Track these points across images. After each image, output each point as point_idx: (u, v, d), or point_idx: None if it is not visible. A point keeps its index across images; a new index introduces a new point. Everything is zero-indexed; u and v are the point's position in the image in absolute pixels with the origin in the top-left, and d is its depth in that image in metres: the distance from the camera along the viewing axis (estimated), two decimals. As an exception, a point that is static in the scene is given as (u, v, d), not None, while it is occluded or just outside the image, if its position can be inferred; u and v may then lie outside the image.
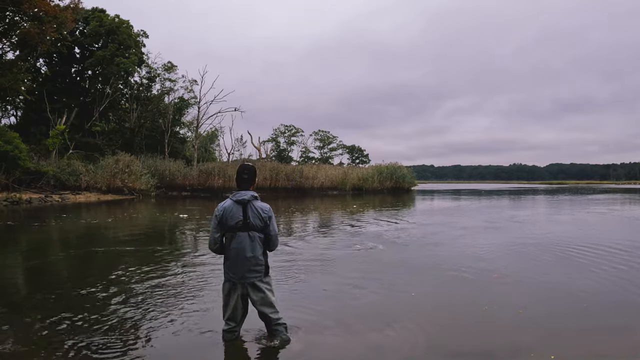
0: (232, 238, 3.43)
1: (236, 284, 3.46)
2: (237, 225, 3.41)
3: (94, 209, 18.79)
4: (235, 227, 3.41)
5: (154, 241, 10.02)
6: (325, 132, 57.77)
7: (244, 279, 3.44)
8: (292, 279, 5.90)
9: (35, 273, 6.49)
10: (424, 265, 6.94)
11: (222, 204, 3.49)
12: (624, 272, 6.40)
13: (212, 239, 3.49)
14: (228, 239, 3.46)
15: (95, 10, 33.31)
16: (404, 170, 42.30)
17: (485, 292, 5.35)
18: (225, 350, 3.53)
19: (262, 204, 3.51)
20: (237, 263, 3.43)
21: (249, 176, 3.51)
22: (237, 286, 3.46)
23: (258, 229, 3.45)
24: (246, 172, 3.51)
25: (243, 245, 3.41)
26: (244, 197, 3.43)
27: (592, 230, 11.51)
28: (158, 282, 5.77)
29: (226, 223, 3.42)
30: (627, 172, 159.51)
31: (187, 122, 41.48)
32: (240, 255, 3.41)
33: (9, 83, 26.12)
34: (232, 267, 3.45)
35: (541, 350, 3.55)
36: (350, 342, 3.73)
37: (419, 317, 4.33)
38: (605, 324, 4.26)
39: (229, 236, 3.44)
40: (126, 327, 4.04)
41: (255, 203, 3.47)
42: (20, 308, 4.66)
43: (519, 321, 4.27)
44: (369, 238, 9.88)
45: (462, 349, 3.62)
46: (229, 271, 3.48)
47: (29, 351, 3.49)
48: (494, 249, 8.30)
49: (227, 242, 3.47)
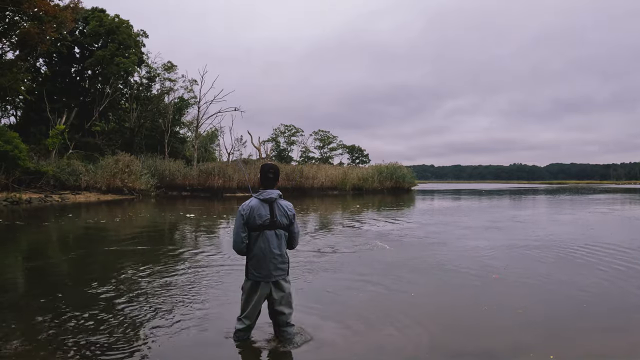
0: (258, 237, 3.43)
1: (259, 283, 3.46)
2: (264, 224, 3.42)
3: (96, 209, 18.78)
4: (263, 225, 3.42)
5: (166, 240, 10.08)
6: (325, 132, 57.77)
7: (270, 277, 3.45)
8: (300, 279, 5.90)
9: (41, 273, 6.49)
10: (427, 265, 6.96)
11: (248, 203, 3.48)
12: (624, 272, 6.42)
13: (239, 238, 3.44)
14: (253, 238, 3.45)
15: (95, 10, 33.29)
16: (404, 170, 42.29)
17: (486, 292, 5.37)
18: (233, 350, 3.53)
19: (287, 202, 3.57)
20: (264, 261, 3.43)
21: (274, 175, 3.55)
22: (260, 285, 3.46)
23: (284, 227, 3.50)
24: (271, 171, 3.54)
25: (270, 243, 3.43)
26: (271, 195, 3.46)
27: (593, 230, 11.52)
28: (167, 281, 5.80)
29: (254, 222, 3.42)
30: (628, 172, 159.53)
31: (187, 122, 41.49)
32: (267, 254, 3.43)
33: (9, 83, 26.09)
34: (257, 266, 3.44)
35: (541, 350, 3.55)
36: (353, 342, 3.73)
37: (421, 317, 4.34)
38: (605, 324, 4.26)
39: (255, 235, 3.44)
40: (130, 327, 4.03)
41: (281, 201, 3.52)
42: (27, 307, 4.68)
43: (519, 321, 4.27)
44: (374, 238, 9.92)
45: (463, 348, 3.63)
46: (253, 270, 3.46)
47: (34, 350, 3.49)
48: (496, 249, 8.32)
49: (253, 241, 3.45)
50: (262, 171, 3.55)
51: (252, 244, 3.45)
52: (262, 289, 3.47)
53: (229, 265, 6.78)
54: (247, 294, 3.51)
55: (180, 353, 3.52)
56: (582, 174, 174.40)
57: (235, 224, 3.46)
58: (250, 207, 3.43)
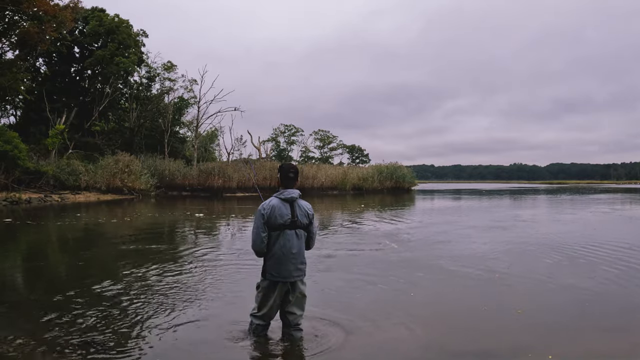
0: (278, 236, 3.41)
1: (277, 283, 3.42)
2: (285, 223, 3.40)
3: (98, 209, 18.74)
4: (284, 225, 3.40)
5: (179, 240, 10.08)
6: (325, 131, 57.71)
7: (289, 277, 3.43)
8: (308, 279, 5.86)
9: (48, 272, 6.49)
10: (430, 264, 6.94)
11: (268, 202, 3.45)
12: (626, 272, 6.38)
13: (259, 238, 3.39)
14: (273, 238, 3.41)
15: (95, 9, 33.23)
16: (404, 170, 42.19)
17: (487, 291, 5.34)
18: (234, 350, 3.51)
19: (306, 202, 3.57)
20: (284, 261, 3.40)
21: (295, 175, 3.55)
22: (278, 285, 3.43)
23: (303, 227, 3.49)
24: (292, 171, 3.54)
25: (291, 243, 3.41)
26: (292, 195, 3.45)
27: (595, 229, 11.48)
28: (173, 279, 5.80)
29: (275, 221, 3.39)
30: (628, 171, 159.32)
31: (187, 122, 41.44)
32: (287, 254, 3.40)
33: (9, 83, 26.04)
34: (276, 266, 3.40)
35: (540, 350, 3.53)
36: (353, 343, 3.71)
37: (421, 317, 4.33)
38: (605, 323, 4.22)
39: (275, 234, 3.41)
40: (134, 325, 4.02)
41: (300, 201, 3.53)
42: (30, 306, 4.69)
43: (519, 321, 4.24)
44: (381, 237, 9.94)
45: (463, 348, 3.61)
46: (272, 270, 3.42)
47: (38, 349, 3.47)
48: (499, 249, 8.32)
49: (273, 241, 3.42)
50: (282, 171, 3.54)
51: (272, 243, 3.41)
52: (280, 289, 3.44)
53: (236, 264, 6.79)
54: (264, 294, 3.48)
55: (182, 353, 3.50)
56: (583, 174, 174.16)
57: (255, 224, 3.42)
58: (271, 206, 3.40)
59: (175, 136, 38.31)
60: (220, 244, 9.15)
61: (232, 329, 3.88)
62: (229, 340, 3.68)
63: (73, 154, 29.29)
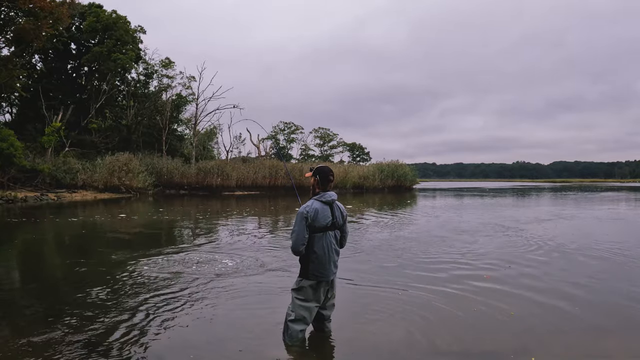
0: (320, 238, 3.53)
1: (321, 283, 3.56)
2: (327, 225, 3.55)
3: (96, 208, 18.46)
4: (326, 226, 3.54)
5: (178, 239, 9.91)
6: (326, 129, 57.33)
7: (330, 276, 3.58)
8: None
9: (49, 272, 6.43)
10: (432, 264, 6.83)
11: (310, 205, 3.54)
12: (624, 271, 6.36)
13: (301, 239, 3.47)
14: (317, 239, 3.52)
15: (92, 5, 32.88)
16: (405, 168, 41.80)
17: (489, 291, 5.23)
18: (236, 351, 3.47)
19: (341, 204, 3.73)
20: (326, 261, 3.54)
21: (333, 178, 3.71)
22: (322, 285, 3.57)
23: (340, 228, 3.67)
24: (331, 174, 3.68)
25: (331, 243, 3.58)
26: (333, 197, 3.61)
27: (594, 229, 11.40)
28: (176, 279, 5.69)
29: (319, 224, 3.51)
30: (633, 170, 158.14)
31: (185, 120, 41.06)
32: (329, 254, 3.55)
33: (4, 80, 25.79)
34: (320, 266, 3.52)
35: (540, 349, 3.50)
36: (353, 342, 3.68)
37: (421, 317, 4.28)
38: (605, 323, 4.17)
39: (319, 236, 3.53)
40: (131, 327, 3.96)
41: (338, 203, 3.70)
42: (28, 307, 4.65)
43: (520, 321, 4.18)
44: (384, 237, 9.80)
45: (463, 349, 3.56)
46: (315, 271, 3.52)
47: (33, 350, 3.42)
48: (501, 249, 8.25)
49: (315, 242, 3.52)
50: (322, 174, 3.65)
51: (314, 245, 3.52)
52: (323, 287, 3.60)
53: (237, 264, 6.64)
54: (306, 295, 3.54)
55: (182, 353, 3.41)
56: (586, 172, 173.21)
57: (298, 226, 3.48)
58: (314, 209, 3.51)
59: (173, 134, 37.94)
60: (220, 244, 8.83)
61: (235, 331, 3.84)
62: (231, 339, 3.63)
63: (70, 152, 29.00)
